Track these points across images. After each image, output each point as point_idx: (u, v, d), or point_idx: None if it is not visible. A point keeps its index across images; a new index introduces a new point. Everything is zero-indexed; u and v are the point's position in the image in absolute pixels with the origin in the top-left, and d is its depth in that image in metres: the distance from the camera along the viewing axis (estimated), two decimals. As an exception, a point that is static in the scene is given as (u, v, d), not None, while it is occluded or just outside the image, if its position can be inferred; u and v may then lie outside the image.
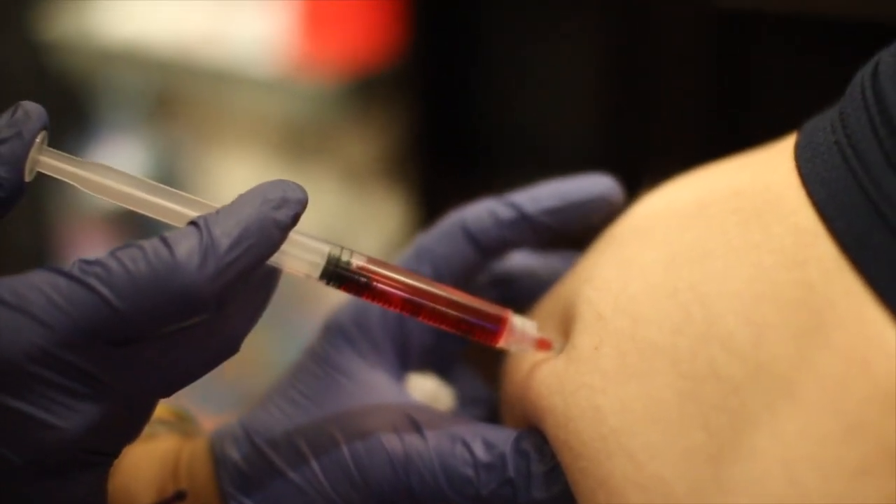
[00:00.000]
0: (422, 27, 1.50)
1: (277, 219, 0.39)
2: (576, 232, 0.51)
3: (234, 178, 1.81)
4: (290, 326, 1.51)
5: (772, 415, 0.38)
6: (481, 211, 0.52)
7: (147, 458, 0.50)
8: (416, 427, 0.46)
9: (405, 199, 1.60)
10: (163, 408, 0.52)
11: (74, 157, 0.42)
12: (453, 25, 1.48)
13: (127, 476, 0.48)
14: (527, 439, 0.45)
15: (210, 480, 0.47)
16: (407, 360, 0.51)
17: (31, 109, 0.41)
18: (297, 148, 1.76)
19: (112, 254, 0.39)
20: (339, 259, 0.44)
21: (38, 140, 0.41)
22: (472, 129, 1.52)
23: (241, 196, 0.40)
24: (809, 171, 0.42)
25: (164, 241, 0.38)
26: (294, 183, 0.41)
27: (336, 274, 0.44)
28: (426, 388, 0.51)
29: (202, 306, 0.38)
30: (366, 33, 1.56)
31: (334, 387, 0.48)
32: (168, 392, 0.41)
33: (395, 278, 0.45)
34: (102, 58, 1.73)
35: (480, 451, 0.45)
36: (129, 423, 0.42)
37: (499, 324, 0.46)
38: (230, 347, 0.42)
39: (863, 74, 0.44)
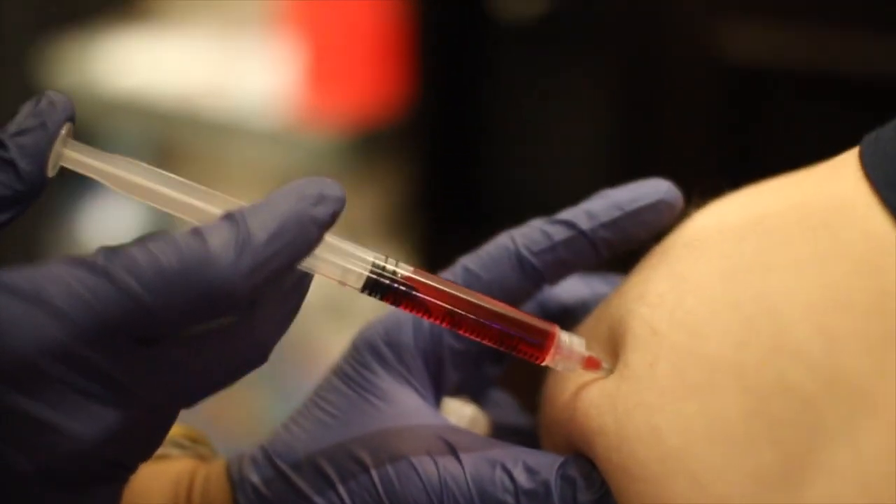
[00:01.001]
0: (427, 82, 1.49)
1: (316, 216, 0.37)
2: (636, 244, 0.47)
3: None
4: (284, 384, 1.48)
5: (850, 431, 0.36)
6: (533, 231, 0.47)
7: (159, 478, 0.46)
8: (452, 451, 0.42)
9: (408, 256, 1.58)
10: (177, 428, 0.47)
11: (101, 152, 0.40)
12: (459, 81, 1.47)
13: (137, 497, 0.45)
14: (573, 465, 0.42)
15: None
16: (441, 383, 0.47)
17: (57, 99, 0.39)
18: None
19: (139, 243, 0.35)
20: (384, 268, 0.41)
21: (62, 132, 0.39)
22: (477, 186, 1.50)
23: (275, 192, 0.37)
24: (879, 176, 0.40)
25: (197, 232, 0.35)
26: (332, 180, 0.38)
27: (378, 284, 0.41)
28: (463, 413, 0.48)
29: (235, 303, 0.35)
30: (371, 87, 1.56)
31: (363, 407, 0.45)
32: (193, 401, 0.38)
33: (440, 288, 0.42)
34: (106, 108, 1.72)
35: (522, 478, 0.41)
36: (150, 434, 0.39)
37: (545, 339, 0.43)
38: (259, 355, 0.39)
39: None
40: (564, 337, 0.43)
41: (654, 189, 0.47)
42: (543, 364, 0.43)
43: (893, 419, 0.36)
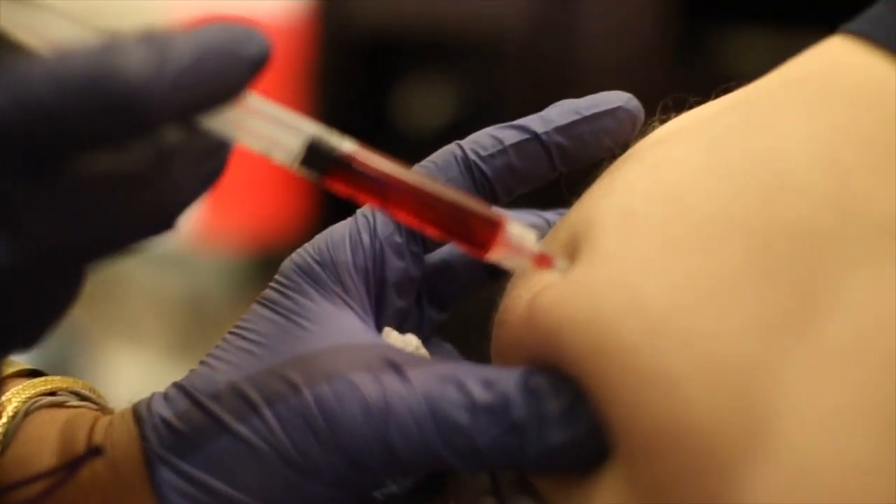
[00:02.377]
0: (327, 200, 1.49)
1: (244, 53, 0.32)
2: (593, 158, 0.42)
3: (132, 363, 1.77)
4: None
5: (866, 255, 0.33)
6: (482, 137, 0.42)
7: (54, 423, 0.39)
8: (397, 369, 0.37)
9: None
10: (74, 381, 0.42)
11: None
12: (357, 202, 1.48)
13: (27, 444, 0.39)
14: (537, 375, 0.36)
15: (132, 442, 0.38)
16: (383, 308, 0.42)
17: None
18: (199, 323, 1.72)
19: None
20: (320, 140, 0.35)
21: None
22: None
23: (196, 26, 0.32)
24: (864, 28, 0.37)
25: (111, 41, 0.31)
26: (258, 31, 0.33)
27: (314, 157, 0.35)
28: (408, 344, 0.41)
29: (149, 121, 0.30)
30: (270, 207, 1.56)
31: (294, 331, 0.39)
32: (89, 256, 0.33)
33: (380, 164, 0.36)
34: None
35: (478, 391, 0.35)
36: (38, 286, 0.32)
37: (492, 228, 0.37)
38: (165, 219, 0.33)
39: None
40: (514, 229, 0.37)
41: (615, 97, 0.43)
42: (489, 258, 0.38)
43: None
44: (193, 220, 1.58)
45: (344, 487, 0.37)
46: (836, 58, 0.37)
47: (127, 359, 1.77)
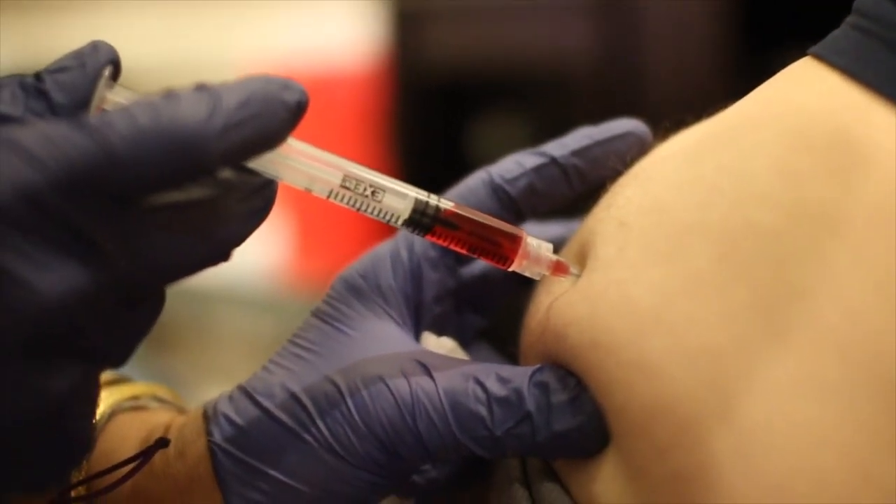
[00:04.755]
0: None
1: (283, 97, 0.36)
2: (607, 176, 0.47)
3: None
4: None
5: (819, 255, 0.37)
6: (507, 162, 0.48)
7: (135, 424, 0.45)
8: (425, 369, 0.42)
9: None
10: (158, 387, 0.49)
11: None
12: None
13: (111, 441, 0.44)
14: (546, 371, 0.41)
15: (199, 436, 0.43)
16: (421, 315, 0.47)
17: (100, 45, 0.39)
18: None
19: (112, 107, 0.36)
20: (356, 179, 0.41)
21: (105, 73, 0.38)
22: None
23: (240, 78, 0.37)
24: (825, 51, 0.42)
25: (170, 94, 0.35)
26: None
27: (348, 193, 0.41)
28: (442, 345, 0.47)
29: (207, 162, 0.35)
30: (355, 251, 1.58)
31: (339, 338, 0.44)
32: (159, 278, 0.37)
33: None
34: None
35: (494, 387, 0.41)
36: (120, 310, 0.36)
37: (513, 243, 0.43)
38: (224, 248, 0.38)
39: None
40: (532, 241, 0.43)
41: (626, 123, 0.48)
42: (511, 269, 0.43)
43: (862, 237, 0.37)
44: (282, 265, 1.61)
45: (382, 474, 0.42)
46: (799, 78, 0.42)
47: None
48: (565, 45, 1.35)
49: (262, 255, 1.65)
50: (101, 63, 0.39)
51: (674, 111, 0.46)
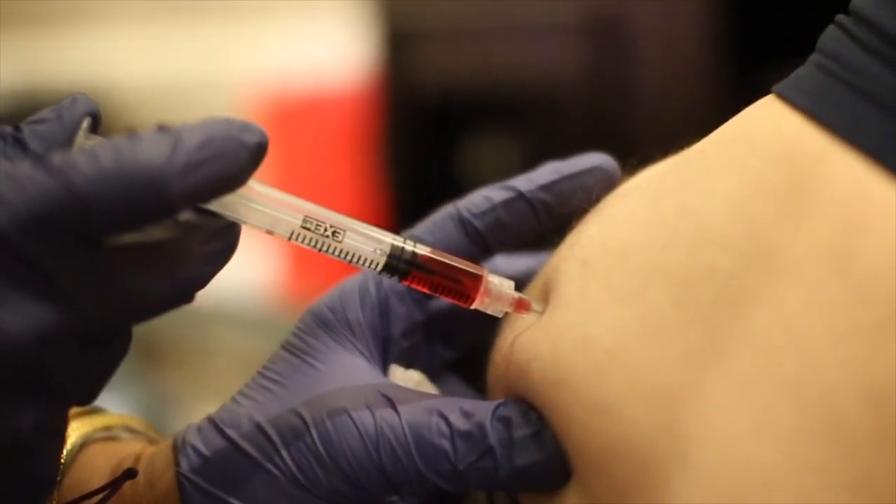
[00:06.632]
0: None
1: (242, 138, 0.37)
2: (574, 211, 0.48)
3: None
4: None
5: (772, 294, 0.38)
6: (475, 196, 0.48)
7: (106, 454, 0.46)
8: (390, 403, 0.42)
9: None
10: (130, 418, 0.49)
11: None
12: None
13: (81, 472, 0.45)
14: (509, 406, 0.42)
15: (169, 467, 0.43)
16: (389, 348, 0.47)
17: (80, 98, 0.40)
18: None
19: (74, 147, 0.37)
20: (315, 221, 0.42)
21: (83, 125, 0.39)
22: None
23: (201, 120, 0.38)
24: (788, 90, 0.42)
25: (132, 134, 0.36)
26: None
27: (308, 234, 0.42)
28: (409, 378, 0.47)
29: (168, 201, 0.35)
30: (346, 272, 1.59)
31: (305, 370, 0.45)
32: (125, 319, 0.37)
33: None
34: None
35: (458, 422, 0.41)
36: (85, 351, 0.37)
37: (475, 281, 0.43)
38: (187, 289, 0.38)
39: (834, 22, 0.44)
40: (493, 279, 0.44)
41: (594, 158, 0.48)
42: (473, 307, 0.44)
43: (811, 274, 0.37)
44: (276, 283, 1.62)
45: None
46: (762, 117, 0.43)
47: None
48: (556, 66, 1.36)
49: (256, 273, 1.66)
50: (78, 115, 0.40)
51: (664, 132, 0.47)
